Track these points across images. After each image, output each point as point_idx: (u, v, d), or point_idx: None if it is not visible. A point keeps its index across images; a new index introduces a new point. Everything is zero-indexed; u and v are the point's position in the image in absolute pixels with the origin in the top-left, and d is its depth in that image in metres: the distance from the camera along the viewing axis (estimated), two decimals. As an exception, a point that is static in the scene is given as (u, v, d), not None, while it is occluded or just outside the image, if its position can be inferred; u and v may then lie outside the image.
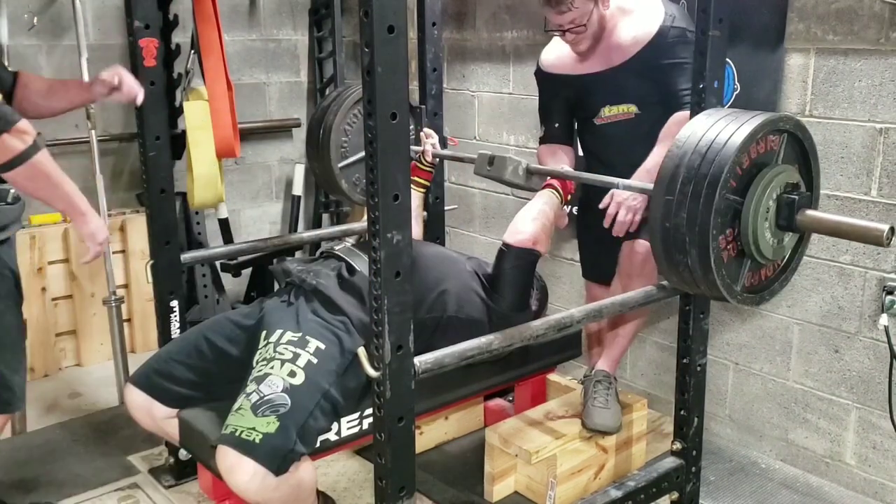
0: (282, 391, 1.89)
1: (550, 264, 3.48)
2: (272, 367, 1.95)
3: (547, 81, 2.67)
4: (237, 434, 1.85)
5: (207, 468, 2.12)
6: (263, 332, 2.09)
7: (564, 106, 2.65)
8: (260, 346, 2.05)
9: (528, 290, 2.36)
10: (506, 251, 2.29)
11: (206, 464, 2.12)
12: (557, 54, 2.62)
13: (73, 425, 3.05)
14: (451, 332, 2.09)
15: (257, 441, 1.83)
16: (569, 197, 2.43)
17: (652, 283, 2.54)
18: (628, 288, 2.55)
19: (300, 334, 2.02)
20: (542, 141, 2.72)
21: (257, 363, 2.00)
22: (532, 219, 2.30)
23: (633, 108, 2.51)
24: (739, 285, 1.87)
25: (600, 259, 2.69)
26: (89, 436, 2.97)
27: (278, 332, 2.05)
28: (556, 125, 2.67)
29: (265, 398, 1.88)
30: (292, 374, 1.93)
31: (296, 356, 1.96)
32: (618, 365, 2.70)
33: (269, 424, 1.85)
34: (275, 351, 1.99)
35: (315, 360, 1.96)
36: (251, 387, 1.93)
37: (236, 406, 1.92)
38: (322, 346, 1.99)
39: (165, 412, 2.21)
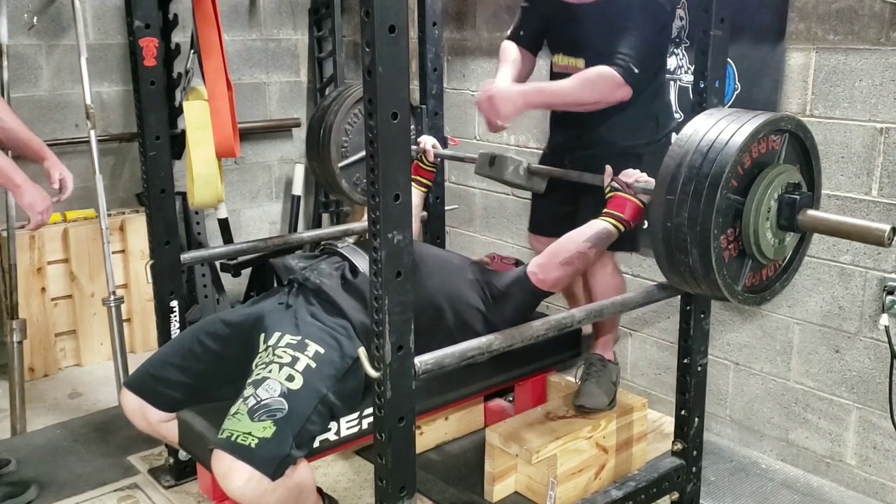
0: (279, 396, 1.88)
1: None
2: (270, 371, 1.94)
3: None
4: (233, 438, 1.84)
5: (207, 469, 2.11)
6: (262, 336, 2.07)
7: (538, 22, 2.54)
8: (259, 351, 2.03)
9: (530, 313, 2.30)
10: (524, 280, 2.20)
11: (205, 464, 2.11)
12: None
13: (73, 425, 3.05)
14: (447, 342, 2.07)
15: (253, 446, 1.82)
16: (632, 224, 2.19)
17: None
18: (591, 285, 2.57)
19: (299, 338, 2.00)
20: (508, 37, 2.60)
21: (256, 366, 1.99)
22: (565, 263, 2.15)
23: (580, 64, 2.40)
24: (740, 285, 1.87)
25: (551, 215, 2.63)
26: (89, 436, 2.97)
27: (276, 334, 2.03)
28: (522, 33, 2.56)
29: (262, 402, 1.87)
30: (290, 378, 1.91)
31: (294, 360, 1.95)
32: (611, 347, 2.68)
33: (266, 429, 1.84)
34: (273, 354, 1.98)
35: (314, 365, 1.95)
36: (248, 390, 1.92)
37: (233, 410, 1.91)
38: (321, 351, 1.98)
39: (160, 416, 2.20)
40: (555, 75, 2.51)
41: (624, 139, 2.42)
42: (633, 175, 2.18)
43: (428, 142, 2.78)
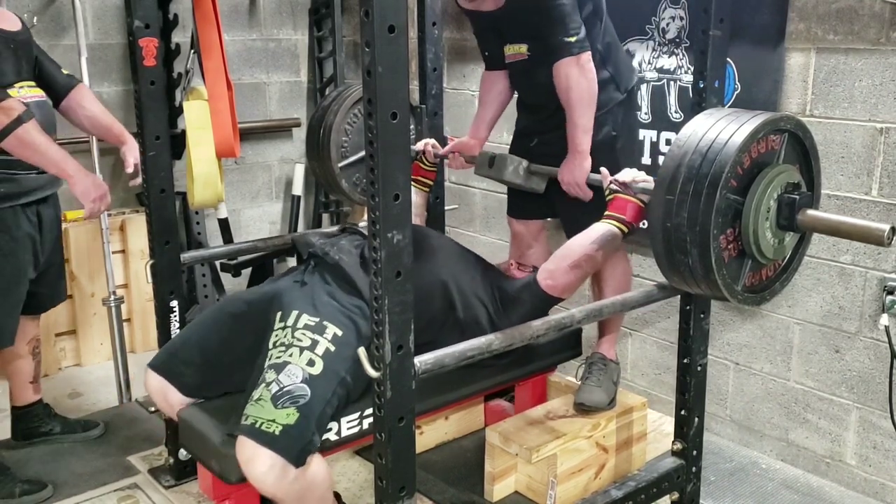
0: (301, 381, 1.89)
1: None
2: (291, 356, 1.94)
3: (466, 13, 2.60)
4: (257, 425, 1.85)
5: (207, 468, 2.11)
6: (279, 314, 2.06)
7: (489, 35, 2.59)
8: (276, 328, 2.03)
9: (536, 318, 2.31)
10: (533, 286, 2.22)
11: (205, 464, 2.12)
12: None
13: (73, 425, 3.05)
14: (456, 335, 2.06)
15: (277, 433, 1.83)
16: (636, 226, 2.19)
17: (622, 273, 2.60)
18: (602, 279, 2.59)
19: (318, 319, 2.00)
20: (485, 68, 2.70)
21: (275, 346, 1.98)
22: (573, 266, 2.16)
23: (523, 49, 2.45)
24: (740, 285, 1.87)
25: (530, 200, 2.67)
26: (89, 435, 2.97)
27: (294, 313, 2.02)
28: (486, 53, 2.64)
29: (285, 389, 1.88)
30: (311, 363, 1.92)
31: (314, 343, 1.95)
32: (613, 347, 2.67)
33: (290, 416, 1.85)
34: (293, 336, 1.97)
35: (333, 348, 1.95)
36: (270, 375, 1.92)
37: (256, 396, 1.91)
38: (339, 333, 1.98)
39: (180, 399, 2.20)
40: (509, 65, 2.56)
41: None
42: (630, 174, 2.18)
43: (427, 143, 2.79)
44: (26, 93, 2.55)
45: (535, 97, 2.55)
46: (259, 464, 1.82)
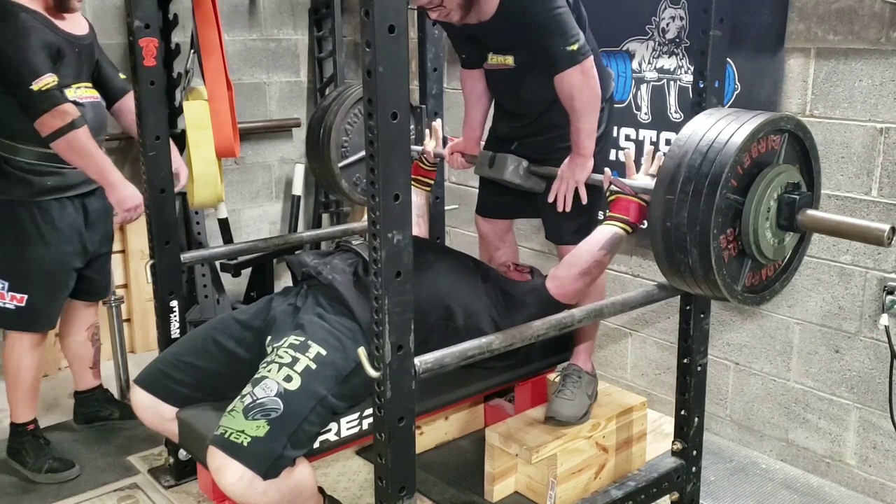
0: (275, 395, 1.89)
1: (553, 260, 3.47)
2: (269, 371, 1.95)
3: (439, 22, 2.49)
4: (226, 436, 1.86)
5: (207, 468, 2.12)
6: (269, 338, 2.09)
7: (466, 44, 2.54)
8: (268, 352, 2.05)
9: None
10: (541, 292, 2.21)
11: (205, 464, 2.12)
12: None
13: (72, 425, 3.05)
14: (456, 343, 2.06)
15: (245, 444, 1.84)
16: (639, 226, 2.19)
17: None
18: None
19: (303, 338, 2.01)
20: (461, 65, 2.64)
21: (260, 367, 2.00)
22: (583, 273, 2.16)
23: (509, 60, 2.41)
24: (740, 285, 1.87)
25: (498, 200, 2.67)
26: (89, 436, 2.98)
27: (284, 338, 2.04)
28: (464, 56, 2.59)
29: (257, 401, 1.89)
30: (288, 378, 1.92)
31: (294, 360, 1.96)
32: (589, 357, 2.64)
33: (259, 428, 1.85)
34: (276, 355, 1.99)
35: (314, 366, 1.95)
36: (247, 389, 1.94)
37: (230, 408, 1.93)
38: (323, 352, 1.98)
39: (174, 411, 2.20)
40: (488, 72, 2.52)
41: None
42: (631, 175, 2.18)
43: (427, 145, 2.77)
44: (83, 93, 2.64)
45: (517, 105, 2.50)
46: (228, 474, 1.84)
